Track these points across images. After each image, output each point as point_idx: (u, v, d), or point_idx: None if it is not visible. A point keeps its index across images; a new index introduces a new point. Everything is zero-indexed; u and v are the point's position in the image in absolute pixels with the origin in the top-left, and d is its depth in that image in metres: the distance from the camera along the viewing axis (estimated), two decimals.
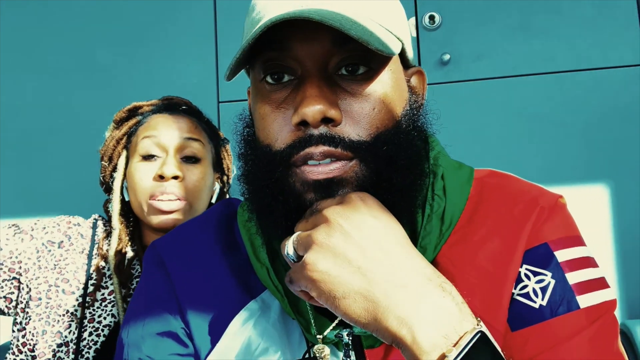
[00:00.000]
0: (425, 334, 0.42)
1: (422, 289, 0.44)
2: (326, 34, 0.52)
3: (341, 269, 0.45)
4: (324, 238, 0.47)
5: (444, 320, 0.43)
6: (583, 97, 1.40)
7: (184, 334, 0.61)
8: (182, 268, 0.64)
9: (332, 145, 0.51)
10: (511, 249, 0.57)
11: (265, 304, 0.61)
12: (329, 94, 0.52)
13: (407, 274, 0.45)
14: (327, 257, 0.46)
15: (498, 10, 1.45)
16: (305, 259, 0.47)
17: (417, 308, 0.43)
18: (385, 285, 0.44)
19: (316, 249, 0.46)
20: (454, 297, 0.45)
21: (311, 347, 0.58)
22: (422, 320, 0.43)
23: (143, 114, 1.12)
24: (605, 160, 1.39)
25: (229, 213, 0.70)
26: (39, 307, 1.00)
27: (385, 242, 0.47)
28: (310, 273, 0.46)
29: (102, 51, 1.61)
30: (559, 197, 0.62)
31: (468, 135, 1.43)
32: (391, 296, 0.44)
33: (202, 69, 1.56)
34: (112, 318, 1.02)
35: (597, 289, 0.56)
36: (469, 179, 0.63)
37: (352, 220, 0.47)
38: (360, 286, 0.45)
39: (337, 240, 0.46)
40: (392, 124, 0.54)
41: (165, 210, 1.03)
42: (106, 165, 1.12)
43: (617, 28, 1.39)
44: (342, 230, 0.47)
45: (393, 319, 0.43)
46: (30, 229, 1.06)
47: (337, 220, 0.47)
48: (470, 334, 0.42)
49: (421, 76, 0.64)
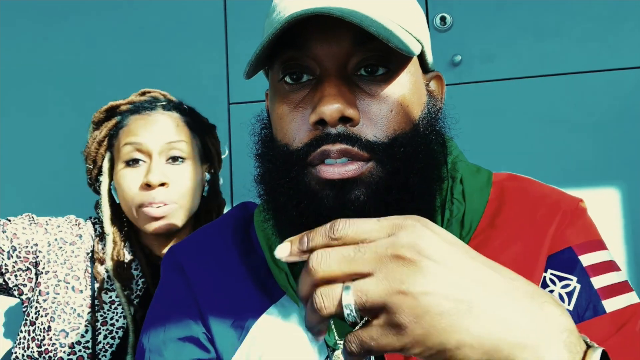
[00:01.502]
0: (556, 357, 0.35)
1: (542, 311, 0.36)
2: (346, 34, 0.52)
3: (448, 317, 0.35)
4: (415, 286, 0.35)
5: (568, 340, 0.36)
6: (595, 99, 1.40)
7: (206, 339, 0.61)
8: (201, 273, 0.64)
9: (349, 144, 0.51)
10: (534, 253, 0.57)
11: (286, 309, 0.60)
12: (347, 93, 0.52)
13: (521, 298, 0.36)
14: (429, 307, 0.35)
15: (509, 11, 1.44)
16: (398, 319, 0.35)
17: (542, 332, 0.35)
18: (504, 317, 0.35)
19: (410, 303, 0.35)
20: (566, 313, 0.37)
21: (332, 352, 0.57)
22: (551, 344, 0.35)
23: (122, 114, 1.08)
24: (618, 161, 1.38)
25: (245, 216, 0.70)
26: (45, 302, 1.00)
27: (479, 269, 0.37)
28: (412, 334, 0.35)
29: (111, 51, 1.61)
30: (579, 200, 0.62)
31: (479, 136, 1.42)
32: (514, 329, 0.35)
33: (213, 70, 1.55)
34: (124, 320, 1.02)
35: (622, 293, 0.56)
36: (487, 182, 0.63)
37: (434, 255, 0.36)
38: (475, 329, 0.35)
39: (434, 284, 0.35)
40: (409, 127, 0.54)
41: (157, 216, 1.01)
42: (91, 167, 1.11)
43: (628, 29, 1.39)
44: (430, 270, 0.36)
45: (520, 352, 0.35)
46: (45, 223, 1.06)
47: (418, 258, 0.36)
48: (594, 352, 0.36)
49: (440, 81, 0.64)
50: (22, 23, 1.65)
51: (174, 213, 1.03)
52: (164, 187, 1.01)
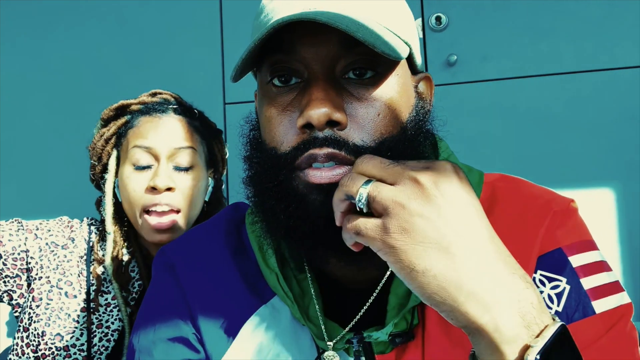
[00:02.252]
0: (508, 323, 0.40)
1: (508, 279, 0.42)
2: (334, 37, 0.52)
3: (428, 244, 0.42)
4: (416, 207, 0.42)
5: (527, 311, 0.41)
6: (590, 98, 1.40)
7: (195, 340, 0.61)
8: (192, 273, 0.64)
9: (337, 148, 0.51)
10: (524, 254, 0.57)
11: (276, 310, 0.60)
12: (335, 97, 0.51)
13: (495, 261, 0.42)
14: (416, 229, 0.42)
15: (505, 11, 1.44)
16: (390, 223, 0.42)
17: (501, 296, 0.41)
18: (473, 269, 0.41)
19: (404, 216, 0.42)
20: (535, 290, 0.43)
21: (322, 353, 0.57)
22: (506, 309, 0.41)
23: (132, 114, 1.09)
24: (613, 161, 1.38)
25: (237, 217, 0.70)
26: (39, 308, 0.99)
27: (476, 224, 0.43)
28: (393, 241, 0.42)
29: (106, 52, 1.61)
30: (570, 201, 0.61)
31: (474, 136, 1.42)
32: (477, 281, 0.41)
33: (208, 70, 1.55)
34: (119, 322, 1.01)
35: (612, 293, 0.56)
36: (478, 182, 0.63)
37: (447, 194, 0.43)
38: (445, 265, 0.41)
39: (430, 213, 0.42)
40: (397, 130, 0.54)
41: (159, 228, 1.01)
42: (95, 163, 1.11)
43: (623, 29, 1.39)
44: (436, 202, 0.42)
45: (475, 304, 0.41)
46: (35, 228, 1.05)
47: (432, 190, 0.43)
48: (553, 327, 0.41)
49: (429, 82, 0.64)
50: (18, 23, 1.65)
51: (176, 227, 1.03)
52: (169, 192, 1.02)
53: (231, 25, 1.57)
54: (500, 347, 0.40)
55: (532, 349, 0.40)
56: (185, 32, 1.58)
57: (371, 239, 0.44)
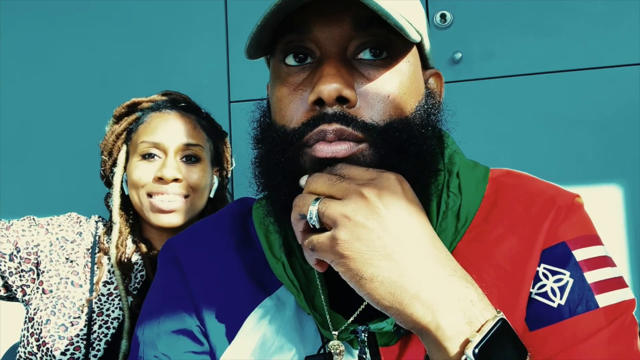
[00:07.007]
0: (449, 321, 0.44)
1: (448, 280, 0.46)
2: (347, 17, 0.53)
3: (374, 252, 0.46)
4: (360, 218, 0.46)
5: (467, 309, 0.45)
6: (595, 95, 1.39)
7: (200, 332, 0.61)
8: (197, 266, 0.65)
9: (345, 124, 0.51)
10: (528, 248, 0.57)
11: (281, 301, 0.61)
12: (346, 75, 0.52)
13: (435, 265, 0.46)
14: (362, 238, 0.46)
15: (509, 8, 1.44)
16: (338, 234, 0.46)
17: (442, 296, 0.45)
18: (415, 273, 0.45)
19: (350, 228, 0.46)
20: (476, 289, 0.47)
21: (326, 343, 0.58)
22: (446, 308, 0.44)
23: (142, 111, 1.13)
24: (618, 158, 1.37)
25: (243, 210, 0.70)
26: (47, 298, 1.03)
27: (417, 231, 0.47)
28: (342, 250, 0.46)
29: (111, 50, 1.61)
30: (576, 196, 0.61)
31: (479, 133, 1.42)
32: (419, 284, 0.45)
33: (213, 68, 1.56)
34: (120, 311, 1.04)
35: (616, 288, 0.56)
36: (484, 177, 0.63)
37: (389, 205, 0.47)
38: (389, 271, 0.45)
39: (374, 224, 0.46)
40: (405, 114, 0.55)
41: (165, 209, 1.05)
42: (106, 159, 1.15)
43: (629, 25, 1.38)
44: (379, 214, 0.47)
45: (419, 306, 0.45)
46: (47, 224, 1.10)
47: (376, 202, 0.47)
48: (492, 321, 0.44)
49: (439, 78, 0.64)
50: (21, 21, 1.66)
51: (182, 210, 1.07)
52: (176, 183, 1.06)
53: (236, 24, 1.57)
54: (443, 344, 0.44)
55: (470, 343, 0.43)
56: (191, 31, 1.59)
57: (324, 251, 0.48)
